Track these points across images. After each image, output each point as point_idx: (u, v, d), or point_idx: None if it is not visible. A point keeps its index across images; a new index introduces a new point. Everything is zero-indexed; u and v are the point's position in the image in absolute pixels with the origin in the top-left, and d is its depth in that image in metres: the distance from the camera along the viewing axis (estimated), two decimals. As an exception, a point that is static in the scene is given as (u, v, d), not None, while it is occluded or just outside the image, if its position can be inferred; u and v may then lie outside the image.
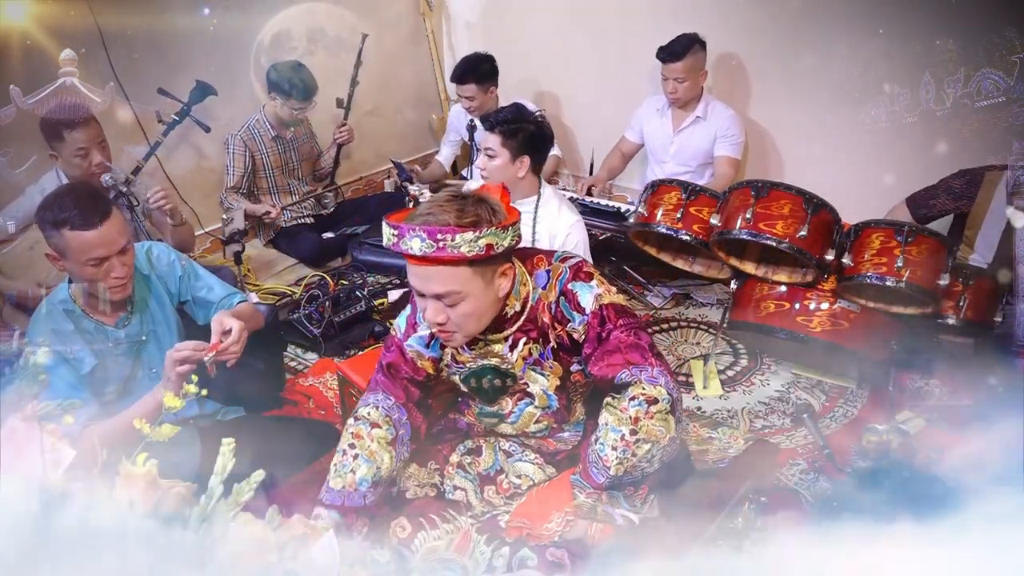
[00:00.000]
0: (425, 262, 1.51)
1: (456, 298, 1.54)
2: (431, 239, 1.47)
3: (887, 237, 2.51)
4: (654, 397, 1.58)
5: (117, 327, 2.05)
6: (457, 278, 1.52)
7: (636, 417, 1.57)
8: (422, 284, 1.55)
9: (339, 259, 3.80)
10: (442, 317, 1.57)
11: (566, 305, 1.65)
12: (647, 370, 1.61)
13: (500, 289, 1.61)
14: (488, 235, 1.49)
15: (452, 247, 1.47)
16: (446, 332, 1.61)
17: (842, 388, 2.81)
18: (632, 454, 1.57)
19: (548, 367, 1.72)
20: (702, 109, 3.50)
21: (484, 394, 1.78)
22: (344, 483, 1.68)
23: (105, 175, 2.67)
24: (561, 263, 1.69)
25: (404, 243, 1.49)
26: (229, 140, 3.67)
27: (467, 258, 1.49)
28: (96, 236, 1.86)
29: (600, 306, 1.64)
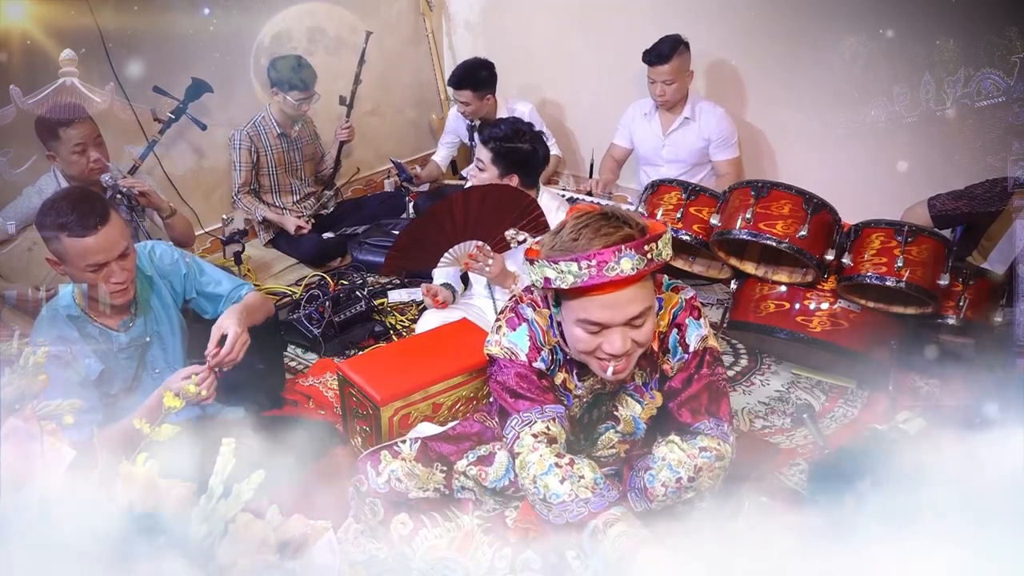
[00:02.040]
0: (629, 282, 1.40)
1: (646, 316, 1.46)
2: (639, 254, 1.38)
3: (887, 237, 2.51)
4: (723, 455, 1.60)
5: (120, 330, 2.06)
6: (649, 291, 1.47)
7: (700, 467, 1.57)
8: (616, 313, 1.43)
9: (339, 259, 3.80)
10: (629, 346, 1.46)
11: (676, 338, 1.61)
12: (723, 426, 1.62)
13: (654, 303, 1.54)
14: (666, 240, 1.45)
15: (656, 254, 1.41)
16: (626, 363, 1.50)
17: (842, 388, 2.81)
18: (678, 497, 1.59)
19: (648, 397, 1.68)
20: (689, 110, 3.50)
21: (587, 427, 1.73)
22: (586, 487, 1.52)
23: (105, 175, 2.67)
24: (674, 293, 1.64)
25: (610, 269, 1.37)
26: (234, 136, 3.67)
27: (663, 262, 1.43)
28: (94, 242, 1.86)
29: (705, 348, 1.62)
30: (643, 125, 3.62)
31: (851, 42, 3.23)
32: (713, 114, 3.49)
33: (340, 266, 3.75)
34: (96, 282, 1.91)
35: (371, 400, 2.32)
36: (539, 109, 4.15)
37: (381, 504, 1.82)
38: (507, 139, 2.48)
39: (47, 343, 1.86)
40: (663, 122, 3.56)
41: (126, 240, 1.95)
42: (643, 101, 3.62)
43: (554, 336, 1.65)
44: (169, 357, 2.15)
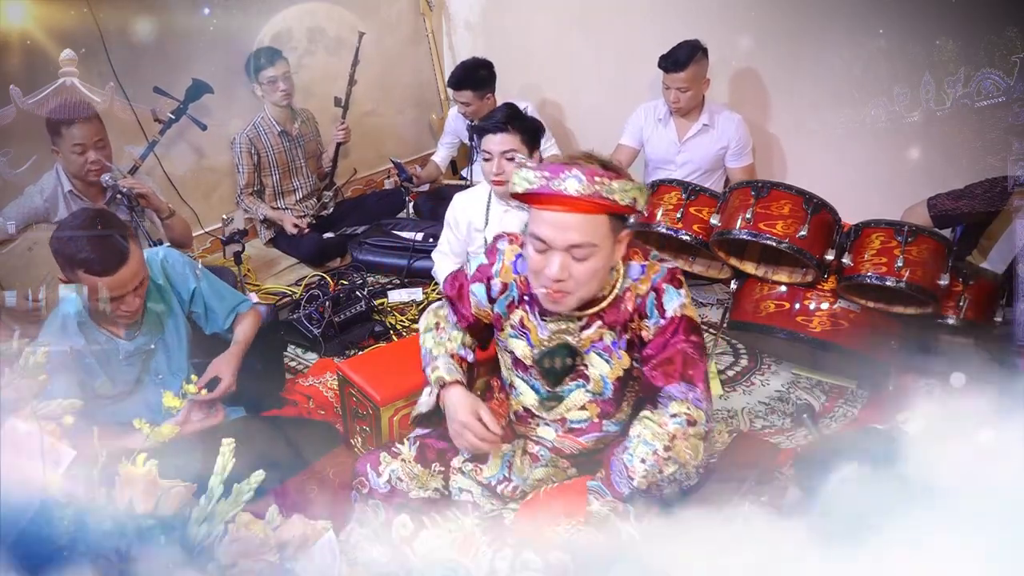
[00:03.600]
0: (572, 207, 1.48)
1: (589, 251, 1.52)
2: (589, 180, 1.46)
3: (887, 237, 2.51)
4: (695, 419, 1.60)
5: (127, 339, 2.06)
6: (597, 229, 1.51)
7: (674, 434, 1.59)
8: (558, 233, 1.51)
9: (339, 259, 3.80)
10: (564, 274, 1.54)
11: (653, 302, 1.65)
12: (695, 391, 1.63)
13: (617, 255, 1.60)
14: (635, 189, 1.50)
15: (608, 191, 1.47)
16: (561, 292, 1.57)
17: (842, 388, 2.81)
18: (659, 471, 1.58)
19: (616, 357, 1.71)
20: (708, 117, 3.44)
21: (552, 374, 1.75)
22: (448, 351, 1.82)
23: (105, 175, 2.67)
24: (659, 262, 1.70)
25: (557, 183, 1.47)
26: (235, 140, 3.68)
27: (615, 207, 1.49)
28: (110, 281, 1.87)
29: (681, 315, 1.65)
30: (657, 130, 3.56)
31: (851, 42, 3.23)
32: (731, 121, 3.45)
33: (340, 266, 3.75)
34: (107, 309, 1.91)
35: (371, 400, 2.32)
36: (539, 109, 4.14)
37: (383, 506, 1.82)
38: (520, 116, 2.55)
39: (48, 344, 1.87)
40: (679, 128, 3.50)
41: (143, 271, 1.95)
42: (654, 104, 3.56)
43: (514, 272, 1.75)
44: (173, 364, 2.16)
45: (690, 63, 3.27)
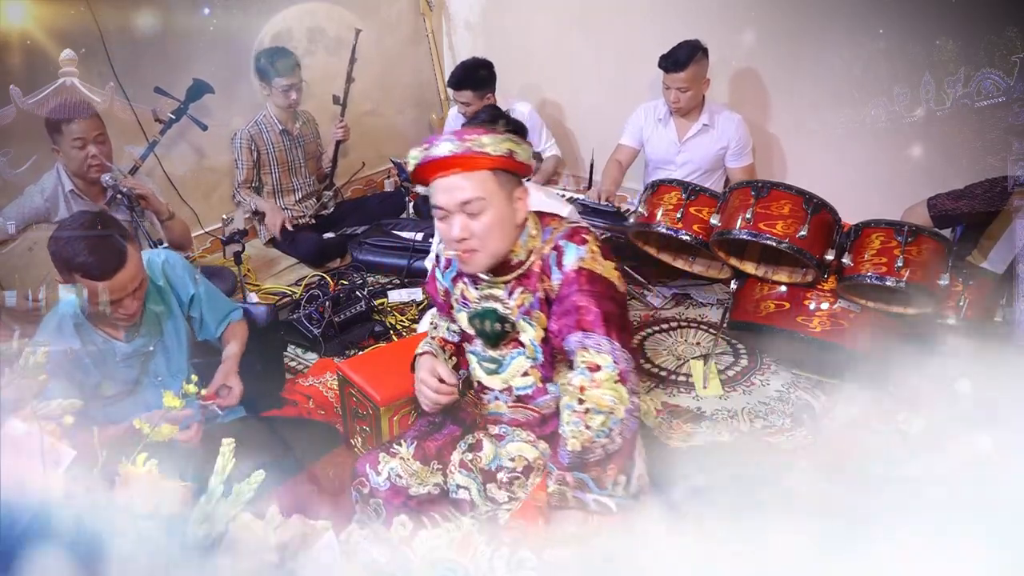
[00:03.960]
0: (452, 166, 1.60)
1: (480, 205, 1.61)
2: (459, 139, 1.59)
3: (887, 237, 2.51)
4: (596, 364, 1.59)
5: (125, 341, 2.06)
6: (483, 183, 1.61)
7: (581, 386, 1.58)
8: (447, 195, 1.62)
9: (339, 259, 3.80)
10: (467, 232, 1.63)
11: (553, 259, 1.70)
12: (593, 336, 1.62)
13: (517, 214, 1.68)
14: (509, 141, 1.61)
15: (478, 146, 1.59)
16: (469, 251, 1.66)
17: (842, 388, 2.81)
18: (585, 426, 1.56)
19: (535, 317, 1.75)
20: (708, 117, 3.44)
21: (486, 337, 1.82)
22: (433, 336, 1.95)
23: (105, 175, 2.67)
24: (566, 222, 1.76)
25: (433, 150, 1.60)
26: (236, 135, 3.68)
27: (490, 158, 1.59)
28: (108, 285, 1.86)
29: (578, 268, 1.67)
30: (657, 130, 3.55)
31: (851, 42, 3.23)
32: (731, 121, 3.44)
33: (340, 266, 3.75)
34: (106, 311, 1.91)
35: (371, 400, 2.32)
36: (539, 109, 4.14)
37: (383, 505, 1.83)
38: (491, 122, 2.50)
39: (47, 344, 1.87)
40: (679, 128, 3.50)
41: (141, 274, 1.95)
42: (654, 103, 3.56)
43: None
44: (172, 366, 2.16)
45: (690, 63, 3.26)
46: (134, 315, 1.98)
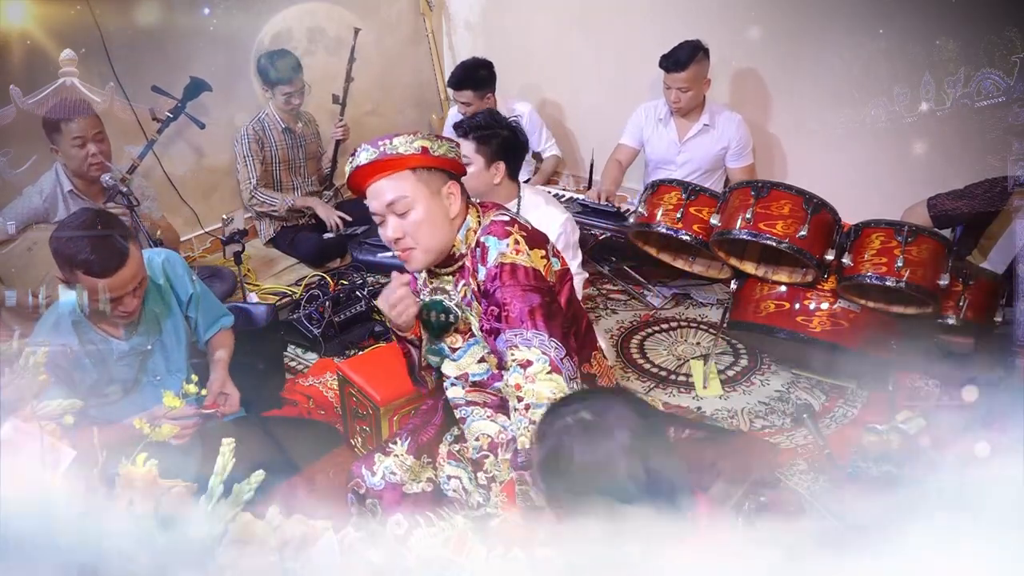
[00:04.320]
0: (375, 172, 1.67)
1: (405, 204, 1.67)
2: (373, 146, 1.66)
3: (887, 237, 2.51)
4: (528, 359, 1.59)
5: (123, 339, 2.06)
6: (402, 183, 1.67)
7: (516, 384, 1.59)
8: (376, 200, 1.69)
9: (339, 259, 3.80)
10: (400, 231, 1.69)
11: (479, 255, 1.71)
12: (520, 333, 1.61)
13: (449, 208, 1.72)
14: (421, 139, 1.66)
15: (391, 148, 1.65)
16: (406, 250, 1.71)
17: (842, 388, 2.81)
18: (530, 422, 1.55)
19: (475, 309, 1.77)
20: (708, 117, 3.43)
21: (431, 328, 1.84)
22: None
23: (105, 175, 2.67)
24: (492, 214, 1.76)
25: (355, 160, 1.68)
26: (241, 134, 3.67)
27: (405, 158, 1.65)
28: (109, 282, 1.87)
29: (499, 264, 1.67)
30: (658, 130, 3.55)
31: (851, 42, 3.23)
32: (732, 122, 3.44)
33: (340, 266, 3.75)
34: (105, 309, 1.92)
35: (371, 400, 2.32)
36: (539, 109, 4.14)
37: (380, 504, 1.84)
38: (487, 126, 2.49)
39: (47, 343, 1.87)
40: (680, 128, 3.50)
41: (141, 273, 1.95)
42: (655, 103, 3.55)
43: None
44: (171, 365, 2.16)
45: (691, 63, 3.26)
46: (133, 313, 1.98)
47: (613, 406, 1.27)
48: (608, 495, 1.21)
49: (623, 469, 1.21)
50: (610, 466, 1.21)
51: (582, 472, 1.23)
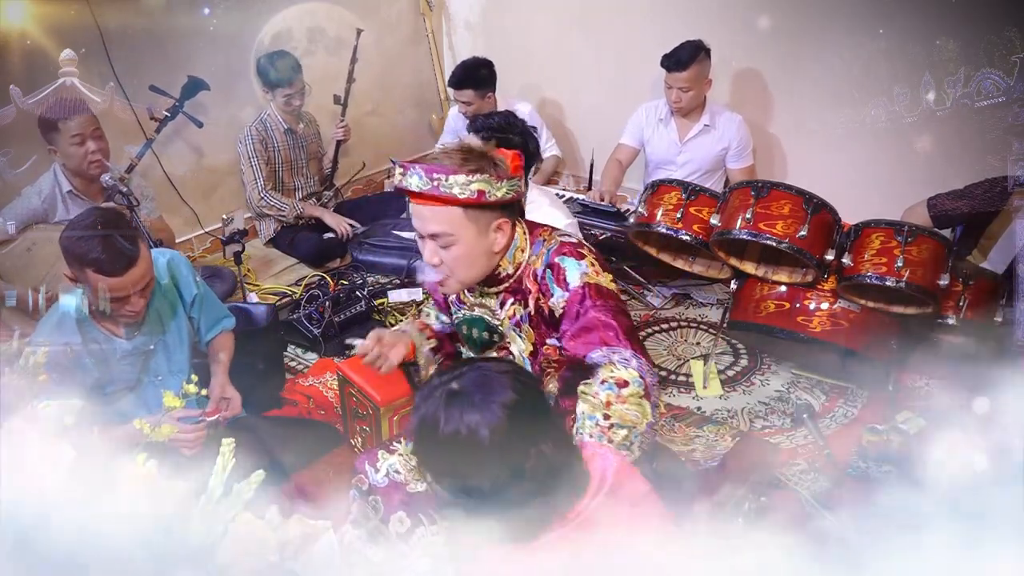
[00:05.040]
0: (422, 200, 1.60)
1: (448, 240, 1.63)
2: (427, 176, 1.57)
3: (887, 237, 2.51)
4: (624, 380, 1.58)
5: (126, 338, 2.06)
6: (450, 220, 1.61)
7: (607, 401, 1.57)
8: (420, 223, 1.64)
9: (339, 259, 3.80)
10: (436, 259, 1.66)
11: (551, 278, 1.69)
12: (619, 352, 1.61)
13: (495, 243, 1.68)
14: (480, 181, 1.57)
15: (445, 187, 1.56)
16: (441, 275, 1.69)
17: (842, 388, 2.81)
18: (608, 440, 1.55)
19: (524, 331, 1.76)
20: (709, 117, 3.44)
21: (473, 343, 1.86)
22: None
23: (105, 175, 2.67)
24: (557, 236, 1.75)
25: (405, 180, 1.60)
26: (242, 138, 3.67)
27: (459, 200, 1.57)
28: (119, 281, 1.87)
29: (584, 284, 1.66)
30: (658, 130, 3.55)
31: (851, 42, 3.23)
32: (732, 122, 3.44)
33: (340, 266, 3.75)
34: (110, 308, 1.92)
35: (371, 400, 2.32)
36: (539, 109, 4.14)
37: (382, 501, 1.84)
38: (501, 129, 2.48)
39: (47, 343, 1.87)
40: (680, 128, 3.50)
41: (150, 273, 1.95)
42: (656, 103, 3.55)
43: None
44: (173, 365, 2.16)
45: (692, 63, 3.26)
46: (139, 313, 1.98)
47: (490, 381, 1.20)
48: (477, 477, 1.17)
49: (488, 447, 1.15)
50: (473, 442, 1.15)
51: (448, 447, 1.17)
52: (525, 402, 1.20)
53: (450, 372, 1.25)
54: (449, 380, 1.22)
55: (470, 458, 1.17)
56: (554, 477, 1.20)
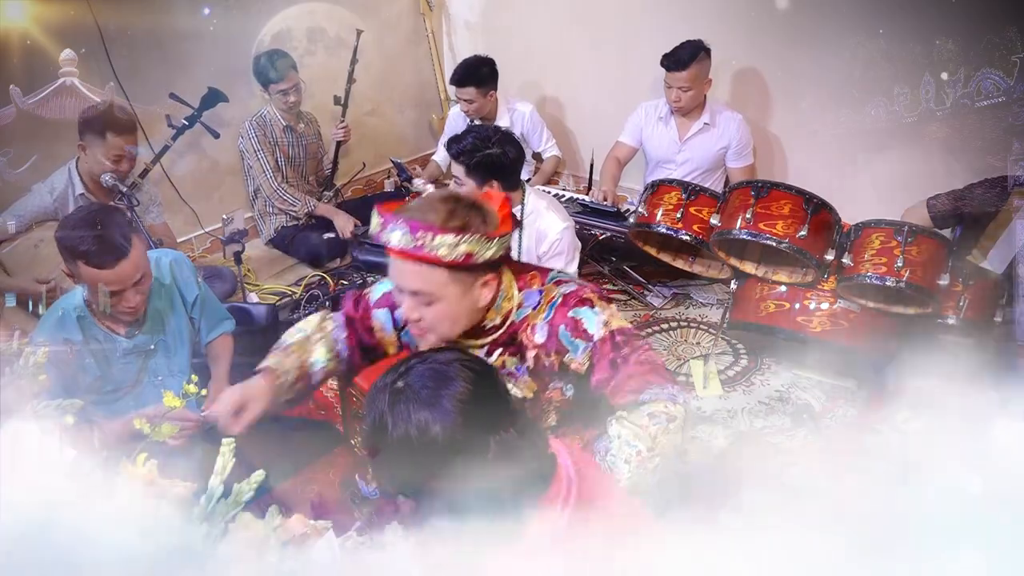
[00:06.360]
0: (404, 256, 1.49)
1: (430, 298, 1.52)
2: (411, 234, 1.46)
3: (887, 237, 2.51)
4: (674, 415, 1.59)
5: (127, 337, 2.06)
6: (433, 280, 1.50)
7: (655, 434, 1.57)
8: (399, 278, 1.54)
9: (339, 259, 3.80)
10: (416, 315, 1.55)
11: (566, 335, 1.62)
12: (667, 388, 1.61)
13: (480, 299, 1.58)
14: (469, 242, 1.46)
15: (430, 247, 1.45)
16: (420, 330, 1.59)
17: (842, 388, 2.81)
18: (643, 468, 1.57)
19: (522, 383, 1.69)
20: (708, 116, 3.43)
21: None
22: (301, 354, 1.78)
23: (105, 175, 2.67)
24: (555, 286, 1.66)
25: (386, 234, 1.49)
26: (243, 133, 3.67)
27: (444, 262, 1.46)
28: (111, 274, 1.87)
29: (611, 332, 1.62)
30: (658, 129, 3.55)
31: (851, 42, 3.23)
32: (732, 121, 3.44)
33: (340, 266, 3.75)
34: (107, 303, 1.92)
35: (371, 400, 2.32)
36: (539, 109, 4.14)
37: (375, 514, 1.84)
38: (475, 149, 2.47)
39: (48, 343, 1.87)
40: (680, 127, 3.50)
41: (145, 267, 1.95)
42: (656, 102, 3.55)
43: None
44: (174, 365, 2.16)
45: (692, 63, 3.26)
46: (137, 309, 1.98)
47: (437, 373, 1.13)
48: (438, 478, 1.10)
49: (443, 444, 1.08)
50: (427, 442, 1.09)
51: (401, 450, 1.11)
52: (478, 391, 1.14)
53: (394, 369, 1.17)
54: (394, 378, 1.15)
55: (426, 459, 1.10)
56: (522, 463, 1.14)
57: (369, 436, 1.17)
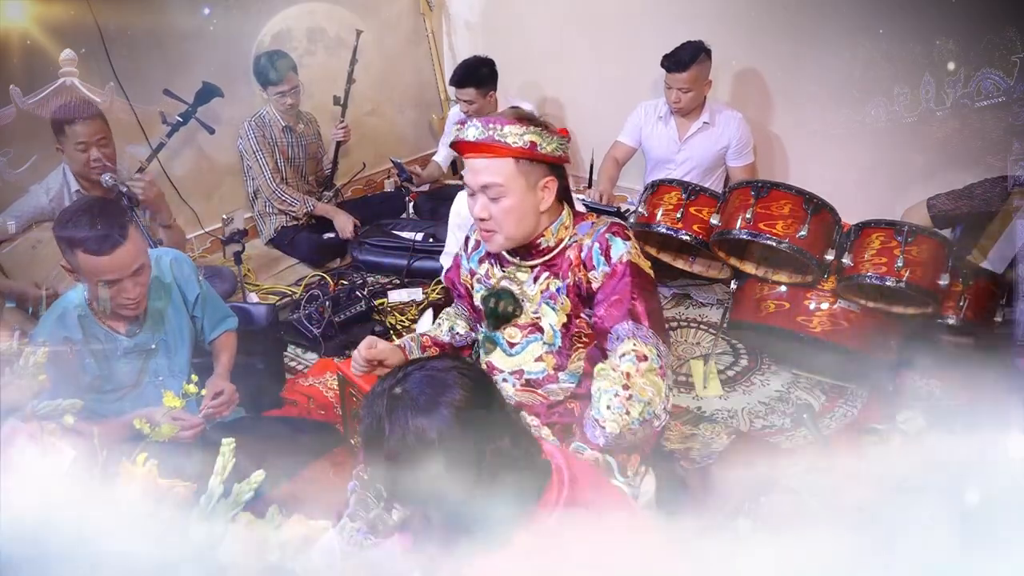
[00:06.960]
0: (477, 151, 1.71)
1: (499, 191, 1.72)
2: (483, 126, 1.71)
3: (887, 237, 2.51)
4: (644, 354, 1.68)
5: (128, 335, 2.06)
6: (502, 171, 1.71)
7: (628, 372, 1.66)
8: (472, 176, 1.75)
9: (339, 259, 3.80)
10: (486, 213, 1.75)
11: (597, 251, 1.78)
12: (642, 329, 1.72)
13: (541, 201, 1.76)
14: (533, 132, 1.70)
15: (500, 135, 1.69)
16: (488, 231, 1.78)
17: (842, 388, 2.81)
18: (626, 412, 1.62)
19: (559, 303, 1.83)
20: (708, 115, 3.43)
21: (492, 316, 1.90)
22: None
23: (104, 175, 2.67)
24: (606, 219, 1.87)
25: (464, 132, 1.73)
26: (242, 133, 3.67)
27: (512, 150, 1.68)
28: (108, 261, 1.87)
29: (626, 262, 1.76)
30: (658, 128, 3.54)
31: (851, 42, 3.23)
32: (732, 120, 3.44)
33: (340, 266, 3.75)
34: (107, 295, 1.92)
35: (371, 400, 2.32)
36: (539, 109, 4.14)
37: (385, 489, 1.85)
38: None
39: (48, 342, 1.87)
40: (680, 126, 3.49)
41: (142, 257, 1.95)
42: (655, 102, 3.55)
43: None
44: (174, 366, 2.16)
45: (693, 64, 3.26)
46: (137, 303, 1.98)
47: (435, 380, 1.14)
48: (433, 485, 1.10)
49: (439, 451, 1.08)
50: (423, 448, 1.09)
51: (397, 455, 1.11)
52: (475, 398, 1.14)
53: (392, 376, 1.18)
54: (392, 384, 1.15)
55: (422, 465, 1.10)
56: (516, 472, 1.15)
57: (364, 441, 1.17)
